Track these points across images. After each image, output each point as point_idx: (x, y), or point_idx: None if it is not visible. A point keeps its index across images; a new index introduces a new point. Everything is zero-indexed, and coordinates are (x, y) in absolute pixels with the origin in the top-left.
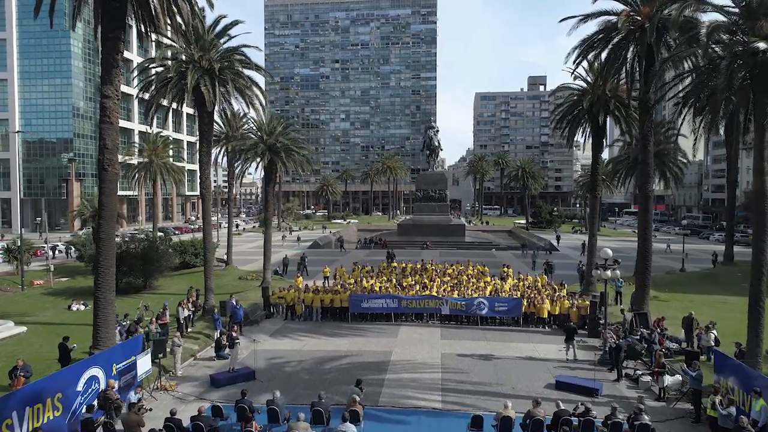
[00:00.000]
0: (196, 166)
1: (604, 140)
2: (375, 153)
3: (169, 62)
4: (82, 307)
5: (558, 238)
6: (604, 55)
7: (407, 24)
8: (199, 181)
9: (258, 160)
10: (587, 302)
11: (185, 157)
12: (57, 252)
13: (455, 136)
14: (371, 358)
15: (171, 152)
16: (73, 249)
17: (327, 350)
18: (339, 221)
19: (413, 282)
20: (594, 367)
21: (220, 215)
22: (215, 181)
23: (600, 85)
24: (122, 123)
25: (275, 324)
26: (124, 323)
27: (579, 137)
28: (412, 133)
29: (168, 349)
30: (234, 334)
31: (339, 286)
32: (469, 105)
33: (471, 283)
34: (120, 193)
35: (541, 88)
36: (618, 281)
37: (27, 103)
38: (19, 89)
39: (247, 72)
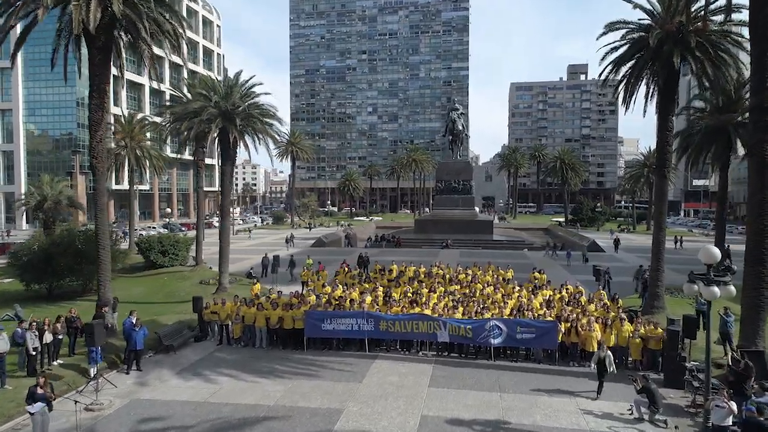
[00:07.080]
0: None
1: (676, 98)
2: (403, 147)
3: None
4: None
5: (617, 242)
6: None
7: (438, 11)
8: (90, 149)
9: (205, 129)
10: (660, 330)
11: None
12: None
13: (489, 132)
14: (302, 425)
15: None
16: None
17: (243, 404)
18: (362, 218)
19: (402, 293)
20: None
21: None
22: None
23: (679, 11)
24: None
25: (201, 352)
26: None
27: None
28: (442, 127)
29: None
30: (39, 390)
31: (295, 298)
32: (503, 102)
33: (484, 295)
34: (118, 187)
35: (582, 77)
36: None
37: (30, 93)
38: (22, 78)
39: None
